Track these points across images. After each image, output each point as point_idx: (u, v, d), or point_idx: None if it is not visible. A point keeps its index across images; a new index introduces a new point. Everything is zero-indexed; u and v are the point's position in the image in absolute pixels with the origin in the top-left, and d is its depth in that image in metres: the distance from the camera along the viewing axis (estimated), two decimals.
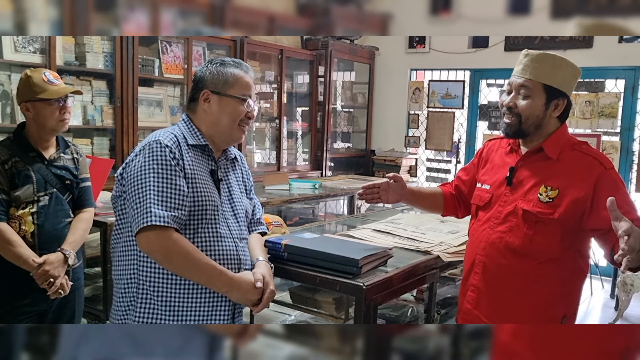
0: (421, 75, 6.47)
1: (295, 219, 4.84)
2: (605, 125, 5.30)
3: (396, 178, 2.05)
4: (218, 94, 1.75)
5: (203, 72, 1.79)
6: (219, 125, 1.76)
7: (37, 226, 2.21)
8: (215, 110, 1.76)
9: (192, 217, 1.67)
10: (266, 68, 5.55)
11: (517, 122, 1.84)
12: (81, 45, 3.92)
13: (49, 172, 2.26)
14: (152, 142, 1.66)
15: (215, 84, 1.76)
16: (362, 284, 1.72)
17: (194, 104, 1.80)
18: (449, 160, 6.34)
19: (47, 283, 2.17)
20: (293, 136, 5.98)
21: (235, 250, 1.75)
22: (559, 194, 1.77)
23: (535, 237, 1.80)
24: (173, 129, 1.75)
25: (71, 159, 2.38)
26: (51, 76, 2.28)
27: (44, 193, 2.24)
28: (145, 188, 1.60)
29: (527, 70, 1.82)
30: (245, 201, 1.89)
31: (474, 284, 1.93)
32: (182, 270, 1.63)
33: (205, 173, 1.75)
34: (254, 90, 1.82)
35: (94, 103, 4.04)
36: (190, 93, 1.82)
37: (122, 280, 1.71)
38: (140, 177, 1.62)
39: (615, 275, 4.75)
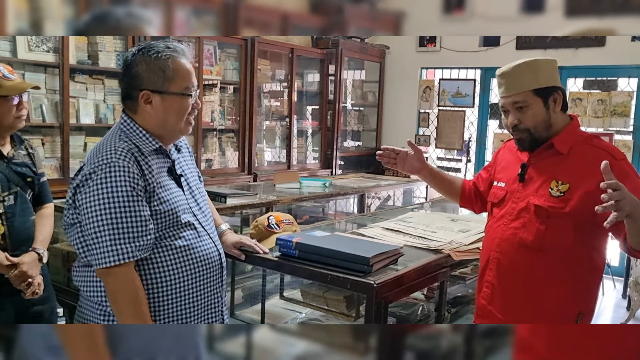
0: (432, 74, 6.45)
1: (306, 217, 4.85)
2: (617, 124, 5.26)
3: (415, 149, 2.10)
4: (160, 93, 1.61)
5: (136, 68, 1.60)
6: (166, 125, 1.64)
7: (8, 227, 2.13)
8: (160, 111, 1.62)
9: (167, 228, 1.61)
10: (277, 67, 5.57)
11: (528, 135, 1.86)
12: (94, 44, 3.95)
13: (10, 171, 2.18)
14: (103, 165, 1.51)
15: (154, 82, 1.60)
16: (373, 282, 1.73)
17: (131, 102, 1.64)
18: (459, 159, 6.32)
19: (26, 284, 2.11)
20: (303, 135, 5.99)
21: (214, 246, 1.74)
22: (570, 188, 1.78)
23: (547, 232, 1.80)
24: (120, 138, 1.60)
25: (27, 154, 2.29)
26: (6, 71, 2.16)
27: (8, 192, 2.15)
28: (102, 222, 1.49)
29: (510, 86, 1.85)
30: (202, 187, 1.83)
31: (488, 280, 1.95)
32: (121, 313, 1.53)
33: (165, 176, 1.66)
34: (194, 75, 1.68)
35: (106, 102, 4.07)
36: (125, 90, 1.65)
37: (94, 305, 1.61)
38: (95, 208, 1.49)
39: (628, 275, 4.71)
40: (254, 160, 5.21)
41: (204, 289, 1.69)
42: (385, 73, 6.57)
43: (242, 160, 5.15)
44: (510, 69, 1.85)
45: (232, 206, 3.45)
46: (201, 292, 1.68)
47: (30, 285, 2.13)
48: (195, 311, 1.66)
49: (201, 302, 1.68)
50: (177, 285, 1.62)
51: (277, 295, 2.53)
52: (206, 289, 1.70)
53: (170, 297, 1.61)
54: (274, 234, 2.11)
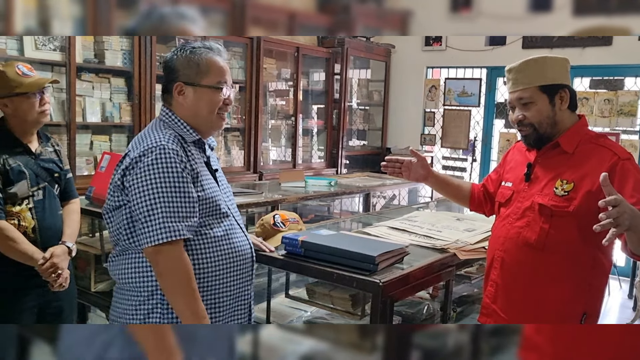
0: (437, 73, 6.44)
1: (311, 216, 4.86)
2: (624, 124, 5.23)
3: (418, 157, 2.11)
4: (192, 85, 1.67)
5: (173, 62, 1.69)
6: (198, 117, 1.70)
7: (37, 221, 2.21)
8: (191, 103, 1.68)
9: (207, 216, 1.64)
10: (282, 65, 5.57)
11: (533, 131, 1.87)
12: (100, 43, 3.97)
13: (38, 167, 2.25)
14: (154, 147, 1.56)
15: (188, 74, 1.67)
16: (379, 280, 1.73)
17: (168, 96, 1.72)
18: (465, 158, 6.31)
19: (56, 276, 2.17)
20: (309, 133, 5.99)
21: (247, 241, 1.78)
22: (574, 187, 1.78)
23: (551, 231, 1.80)
24: (162, 127, 1.66)
25: (53, 151, 2.37)
26: (25, 69, 2.22)
27: (37, 187, 2.23)
28: (155, 200, 1.52)
29: (517, 82, 1.88)
30: (229, 187, 1.89)
31: (493, 279, 1.96)
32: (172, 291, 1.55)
33: (204, 167, 1.71)
34: (229, 73, 1.74)
35: (113, 100, 4.09)
36: (164, 84, 1.73)
37: (134, 292, 1.61)
38: (147, 187, 1.53)
39: (634, 275, 4.70)
40: (259, 158, 5.22)
41: (236, 280, 1.71)
42: (391, 72, 6.56)
43: (247, 158, 5.16)
44: (518, 65, 1.88)
45: (237, 205, 3.45)
46: (233, 283, 1.70)
47: (59, 277, 2.19)
48: (226, 302, 1.68)
49: (233, 293, 1.70)
50: (213, 274, 1.64)
51: (283, 294, 2.54)
52: (238, 280, 1.72)
53: (205, 285, 1.62)
54: (280, 233, 2.11)
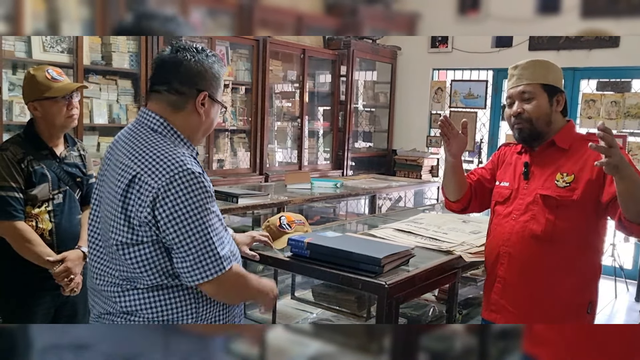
0: (443, 75, 6.43)
1: (317, 217, 4.86)
2: (631, 126, 5.21)
3: (465, 134, 2.12)
4: (213, 100, 1.56)
5: (198, 67, 1.51)
6: (198, 133, 1.57)
7: (55, 224, 2.22)
8: (208, 117, 1.56)
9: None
10: (288, 67, 5.58)
11: (529, 126, 1.93)
12: (107, 45, 3.99)
13: (61, 170, 2.27)
14: (183, 173, 1.41)
15: (215, 87, 1.55)
16: (385, 282, 1.73)
17: (180, 99, 1.51)
18: (471, 160, 6.28)
19: (68, 280, 2.18)
20: (314, 135, 5.99)
21: (236, 247, 1.74)
22: (575, 178, 1.86)
23: (557, 221, 1.85)
24: (167, 142, 1.48)
25: (78, 155, 2.38)
26: (55, 73, 2.24)
27: (58, 191, 2.24)
28: (204, 231, 1.41)
29: (522, 77, 1.94)
30: None
31: (500, 275, 1.97)
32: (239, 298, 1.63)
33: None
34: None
35: (120, 102, 4.11)
36: (173, 85, 1.51)
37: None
38: (192, 217, 1.40)
39: None
40: (265, 160, 5.23)
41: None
42: (397, 74, 6.56)
43: (253, 160, 5.17)
44: (525, 62, 1.96)
45: (243, 206, 3.47)
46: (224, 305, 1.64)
47: (71, 282, 2.20)
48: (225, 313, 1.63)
49: (227, 311, 1.64)
50: (206, 310, 1.57)
51: (289, 295, 2.54)
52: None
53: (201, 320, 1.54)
54: (286, 234, 2.12)
